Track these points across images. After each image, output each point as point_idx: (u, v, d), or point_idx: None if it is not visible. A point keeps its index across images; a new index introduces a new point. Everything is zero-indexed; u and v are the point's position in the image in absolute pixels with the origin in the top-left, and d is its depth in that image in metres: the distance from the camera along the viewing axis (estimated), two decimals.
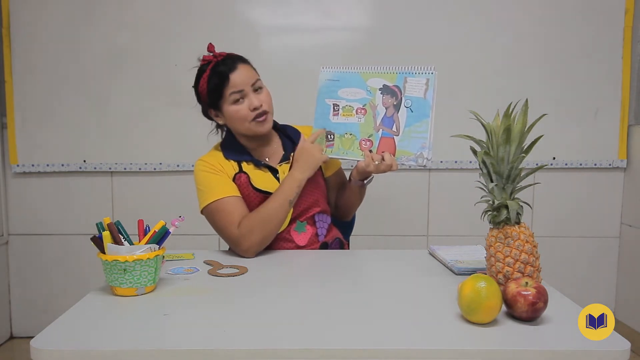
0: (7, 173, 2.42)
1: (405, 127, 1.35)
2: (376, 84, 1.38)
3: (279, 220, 1.40)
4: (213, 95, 1.43)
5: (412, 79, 1.35)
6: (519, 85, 2.31)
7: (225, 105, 1.43)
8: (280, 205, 1.39)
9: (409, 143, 1.35)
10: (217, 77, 1.41)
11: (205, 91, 1.43)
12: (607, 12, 2.31)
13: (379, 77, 1.38)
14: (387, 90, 1.37)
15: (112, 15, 2.31)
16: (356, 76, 1.40)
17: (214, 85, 1.41)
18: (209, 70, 1.42)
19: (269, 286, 1.16)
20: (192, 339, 0.87)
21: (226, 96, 1.41)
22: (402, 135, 1.36)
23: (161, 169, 2.39)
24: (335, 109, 1.43)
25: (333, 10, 2.33)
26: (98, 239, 1.09)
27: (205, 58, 1.45)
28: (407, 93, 1.35)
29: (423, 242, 2.44)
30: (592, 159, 2.39)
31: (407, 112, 1.35)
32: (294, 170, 1.42)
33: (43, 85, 2.34)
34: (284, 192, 1.40)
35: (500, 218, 1.04)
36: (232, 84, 1.40)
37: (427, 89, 1.33)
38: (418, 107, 1.34)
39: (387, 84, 1.37)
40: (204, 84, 1.43)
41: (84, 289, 1.13)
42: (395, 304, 1.04)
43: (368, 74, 1.40)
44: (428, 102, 1.33)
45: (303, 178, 1.41)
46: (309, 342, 0.86)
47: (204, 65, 1.44)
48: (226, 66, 1.41)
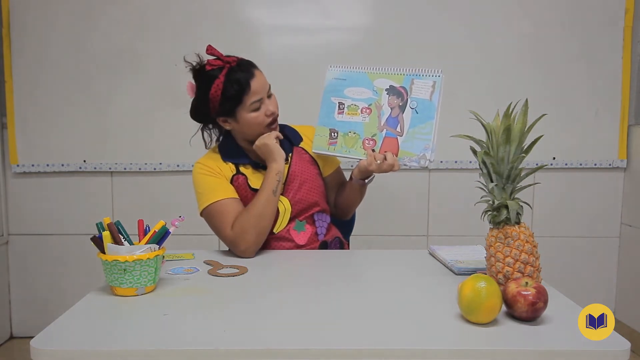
0: (7, 173, 2.42)
1: (410, 128, 1.36)
2: (383, 84, 1.39)
3: (270, 214, 1.40)
4: (229, 103, 1.39)
5: (419, 81, 1.36)
6: (519, 85, 2.31)
7: (242, 111, 1.41)
8: (266, 199, 1.39)
9: (412, 144, 1.36)
10: (237, 84, 1.37)
11: (218, 98, 1.38)
12: (607, 12, 2.31)
13: (386, 77, 1.39)
14: (393, 91, 1.38)
15: (112, 15, 2.31)
16: (363, 76, 1.41)
17: (234, 92, 1.38)
18: (223, 77, 1.37)
19: (268, 286, 1.16)
20: (192, 339, 0.87)
21: (246, 104, 1.39)
22: (405, 136, 1.37)
23: (161, 169, 2.39)
24: (341, 107, 1.43)
25: (333, 10, 2.33)
26: (98, 239, 1.09)
27: (213, 63, 1.40)
28: (414, 95, 1.36)
29: (423, 242, 2.44)
30: (592, 159, 2.39)
31: (412, 114, 1.36)
32: (268, 164, 1.43)
33: (43, 86, 2.34)
34: (265, 186, 1.41)
35: (500, 218, 1.04)
36: (253, 91, 1.39)
37: (434, 92, 1.34)
38: (423, 109, 1.35)
39: (394, 85, 1.38)
40: (217, 91, 1.38)
41: (84, 289, 1.13)
42: (395, 304, 1.04)
43: (375, 74, 1.40)
44: (433, 105, 1.34)
45: (277, 166, 1.42)
46: (309, 342, 0.87)
47: (213, 70, 1.39)
48: (244, 72, 1.38)
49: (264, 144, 1.43)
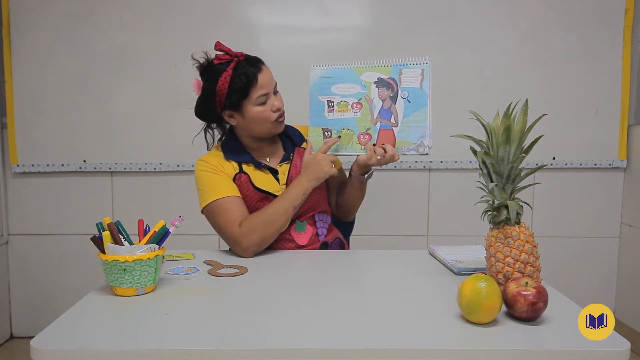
0: (7, 173, 2.42)
1: (404, 117, 1.36)
2: (370, 77, 1.39)
3: (281, 224, 1.40)
4: (236, 95, 1.40)
5: (408, 70, 1.36)
6: (519, 85, 2.31)
7: (248, 105, 1.41)
8: (284, 210, 1.39)
9: (409, 133, 1.36)
10: (245, 77, 1.38)
11: (225, 91, 1.40)
12: (607, 12, 2.31)
13: (373, 70, 1.39)
14: (382, 83, 1.38)
15: (112, 15, 2.31)
16: (349, 71, 1.41)
17: (241, 85, 1.39)
18: (231, 70, 1.39)
19: (269, 286, 1.16)
20: (192, 339, 0.87)
21: (253, 97, 1.40)
22: (401, 126, 1.37)
23: (161, 169, 2.39)
24: (330, 105, 1.43)
25: (333, 10, 2.33)
26: (98, 239, 1.09)
27: (221, 57, 1.42)
28: (404, 84, 1.36)
29: (423, 242, 2.44)
30: (592, 159, 2.39)
31: (404, 103, 1.36)
32: (302, 178, 1.41)
33: (43, 85, 2.34)
34: (289, 198, 1.40)
35: (500, 218, 1.04)
36: (260, 85, 1.40)
37: (423, 79, 1.35)
38: (415, 97, 1.35)
39: (382, 77, 1.38)
40: (224, 83, 1.39)
41: (84, 289, 1.13)
42: (395, 304, 1.04)
43: (361, 69, 1.40)
44: (425, 92, 1.34)
45: (310, 187, 1.41)
46: (309, 342, 0.86)
47: (221, 64, 1.40)
48: (252, 67, 1.40)
49: (318, 161, 1.40)
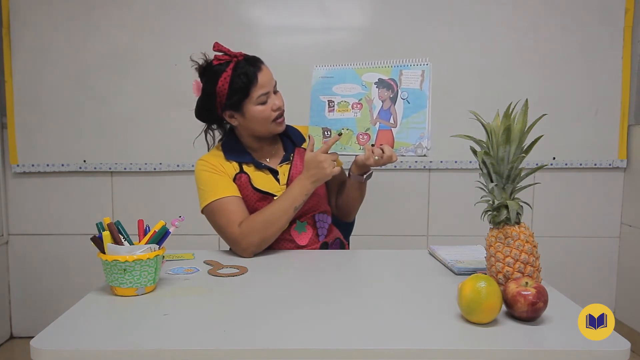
0: (7, 173, 2.42)
1: (403, 118, 1.36)
2: (371, 78, 1.39)
3: (281, 225, 1.40)
4: (237, 95, 1.40)
5: (408, 71, 1.36)
6: (519, 85, 2.31)
7: (249, 105, 1.41)
8: (285, 210, 1.39)
9: (408, 134, 1.36)
10: (245, 77, 1.39)
11: (226, 91, 1.40)
12: (607, 12, 2.31)
13: (374, 71, 1.39)
14: (382, 84, 1.38)
15: (112, 15, 2.31)
16: (350, 72, 1.41)
17: (242, 84, 1.39)
18: (231, 70, 1.39)
19: (269, 286, 1.16)
20: (192, 339, 0.87)
21: (253, 97, 1.40)
22: (400, 127, 1.37)
23: (161, 169, 2.39)
24: (331, 105, 1.43)
25: (333, 10, 2.33)
26: (98, 239, 1.09)
27: (220, 58, 1.42)
28: (404, 85, 1.36)
29: (423, 242, 2.44)
30: (592, 159, 2.39)
31: (404, 104, 1.36)
32: (304, 179, 1.40)
33: (43, 85, 2.34)
34: (290, 199, 1.40)
35: (500, 218, 1.04)
36: (260, 84, 1.40)
37: (423, 81, 1.34)
38: (415, 98, 1.35)
39: (383, 78, 1.38)
40: (224, 84, 1.39)
41: (84, 289, 1.13)
42: (395, 304, 1.04)
43: (362, 69, 1.40)
44: (424, 93, 1.34)
45: (312, 188, 1.41)
46: (309, 342, 0.86)
47: (220, 65, 1.41)
48: (252, 66, 1.40)
49: (320, 162, 1.38)
